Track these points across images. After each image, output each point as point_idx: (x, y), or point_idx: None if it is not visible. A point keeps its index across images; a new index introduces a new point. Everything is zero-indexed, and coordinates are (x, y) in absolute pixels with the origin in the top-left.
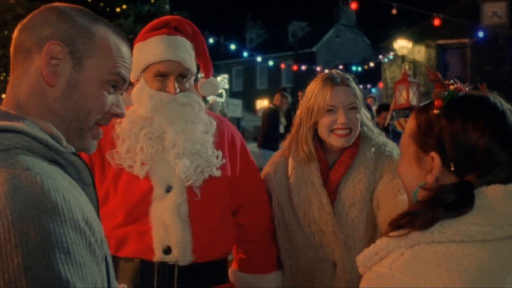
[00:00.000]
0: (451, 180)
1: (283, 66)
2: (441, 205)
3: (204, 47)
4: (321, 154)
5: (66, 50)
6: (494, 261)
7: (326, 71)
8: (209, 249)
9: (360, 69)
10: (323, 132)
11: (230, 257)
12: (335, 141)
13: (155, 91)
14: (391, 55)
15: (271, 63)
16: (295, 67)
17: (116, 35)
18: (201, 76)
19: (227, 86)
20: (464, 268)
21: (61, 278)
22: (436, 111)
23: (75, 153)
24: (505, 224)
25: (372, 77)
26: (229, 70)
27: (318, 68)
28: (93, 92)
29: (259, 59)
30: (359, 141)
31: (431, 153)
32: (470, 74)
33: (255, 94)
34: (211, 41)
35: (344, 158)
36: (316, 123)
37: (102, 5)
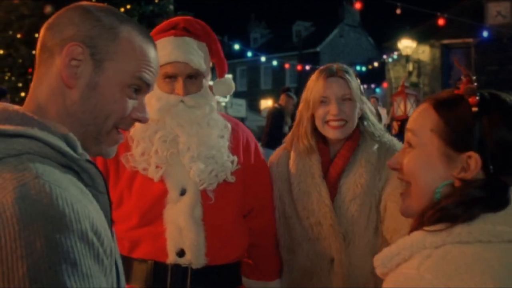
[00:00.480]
0: (479, 177)
1: (287, 66)
2: (479, 202)
3: (218, 46)
4: (322, 147)
5: (87, 52)
6: None
7: None
8: (222, 252)
9: (364, 69)
10: (318, 124)
11: None
12: (329, 132)
13: (163, 93)
14: (395, 55)
15: (275, 63)
16: (299, 67)
17: (142, 36)
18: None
19: None
20: (495, 270)
21: None
22: (475, 108)
23: (90, 160)
24: None
25: (376, 77)
26: (233, 70)
27: None
28: (113, 96)
29: (263, 59)
30: (358, 135)
31: (469, 153)
32: (474, 74)
33: (259, 94)
34: None
35: (343, 151)
36: (313, 115)
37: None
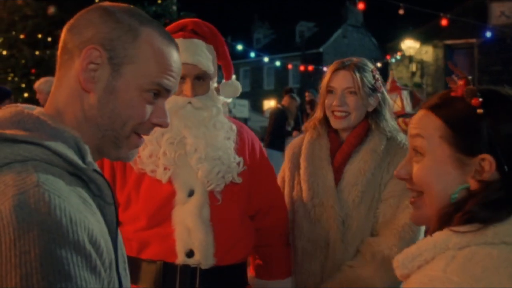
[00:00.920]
0: (496, 177)
1: (290, 66)
2: (505, 203)
3: (224, 48)
4: (332, 134)
5: (105, 55)
6: None
7: None
8: (231, 252)
9: None
10: (327, 112)
11: None
12: (333, 122)
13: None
14: (398, 56)
15: (278, 63)
16: (302, 68)
17: (163, 38)
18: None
19: None
20: None
21: None
22: (480, 110)
23: (97, 170)
24: None
25: None
26: (236, 70)
27: (325, 69)
28: (131, 101)
29: (266, 59)
30: (367, 126)
31: (481, 156)
32: (477, 74)
33: (262, 94)
34: None
35: (350, 138)
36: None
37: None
